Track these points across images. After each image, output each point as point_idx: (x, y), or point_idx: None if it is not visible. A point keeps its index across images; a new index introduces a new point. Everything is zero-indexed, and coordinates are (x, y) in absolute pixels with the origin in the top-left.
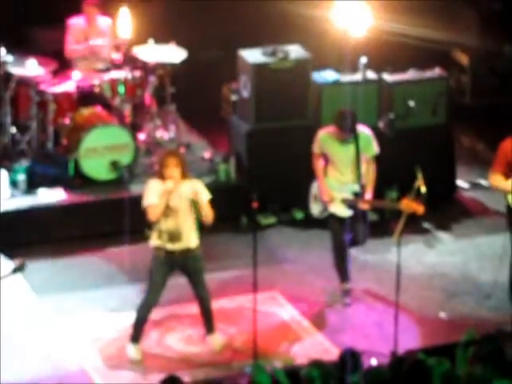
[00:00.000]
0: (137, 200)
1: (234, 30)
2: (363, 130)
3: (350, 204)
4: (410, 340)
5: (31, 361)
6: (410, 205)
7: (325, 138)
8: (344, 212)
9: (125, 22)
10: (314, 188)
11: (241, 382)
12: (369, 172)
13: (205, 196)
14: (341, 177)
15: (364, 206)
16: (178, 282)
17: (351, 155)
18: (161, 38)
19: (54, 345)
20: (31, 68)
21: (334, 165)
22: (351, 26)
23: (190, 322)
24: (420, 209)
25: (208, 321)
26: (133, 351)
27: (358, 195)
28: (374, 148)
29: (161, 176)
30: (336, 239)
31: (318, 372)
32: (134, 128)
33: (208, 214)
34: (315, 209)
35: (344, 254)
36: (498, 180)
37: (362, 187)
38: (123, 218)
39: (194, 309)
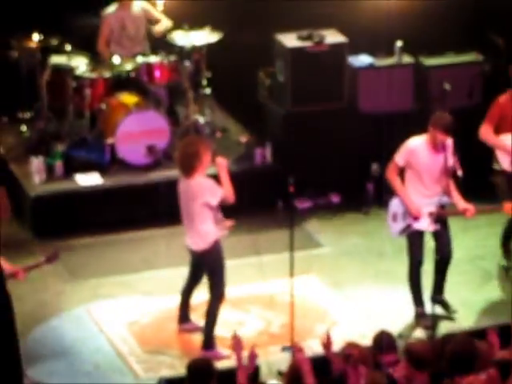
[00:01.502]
0: (172, 184)
1: (269, 13)
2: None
3: (443, 216)
4: None
5: (68, 345)
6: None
7: (417, 147)
8: (431, 227)
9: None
10: (394, 205)
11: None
12: (448, 182)
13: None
14: (425, 190)
15: (469, 215)
16: None
17: (440, 164)
18: (196, 22)
19: (91, 329)
20: (67, 54)
21: (420, 177)
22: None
23: (227, 307)
24: None
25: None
26: None
27: (444, 207)
28: (452, 158)
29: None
30: (418, 258)
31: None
32: (170, 113)
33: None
34: (396, 228)
35: (421, 274)
36: (488, 133)
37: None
38: (159, 202)
39: (229, 294)
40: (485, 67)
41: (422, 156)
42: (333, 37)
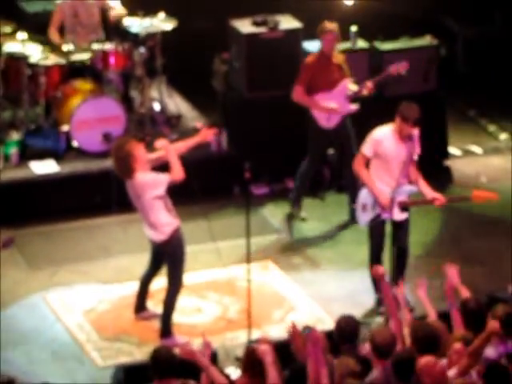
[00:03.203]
0: None
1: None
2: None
3: (411, 206)
4: None
5: (24, 333)
6: (482, 195)
7: (383, 137)
8: (398, 216)
9: None
10: (363, 196)
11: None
12: (414, 171)
13: None
14: (390, 180)
15: (438, 203)
16: None
17: (406, 153)
18: (150, 9)
19: (48, 317)
20: (21, 42)
21: (386, 166)
22: None
23: (184, 293)
24: (494, 196)
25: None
26: None
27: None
28: (418, 148)
29: None
30: (379, 246)
31: None
32: (125, 99)
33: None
34: (365, 218)
35: (381, 260)
36: (301, 94)
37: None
38: (115, 189)
39: (186, 281)
40: (440, 52)
41: (388, 145)
42: (287, 22)
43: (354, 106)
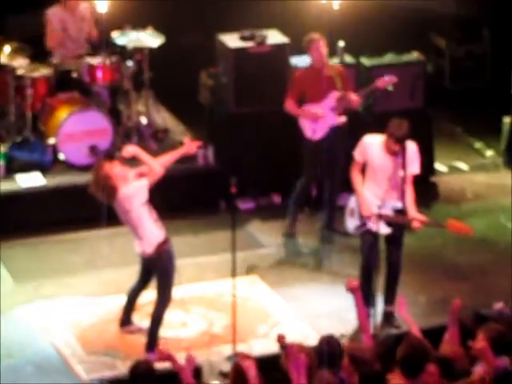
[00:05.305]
0: None
1: (211, 14)
2: (411, 144)
3: (394, 222)
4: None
5: (9, 346)
6: (457, 226)
7: (372, 143)
8: (383, 229)
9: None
10: (352, 202)
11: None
12: (407, 190)
13: None
14: (378, 190)
15: (416, 225)
16: None
17: (393, 167)
18: (138, 23)
19: (32, 330)
20: (8, 54)
21: (374, 175)
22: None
23: (170, 307)
24: (468, 230)
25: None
26: None
27: (401, 213)
28: (417, 167)
29: None
30: (368, 258)
31: None
32: (112, 113)
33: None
34: (352, 223)
35: (373, 276)
36: (291, 105)
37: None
38: (101, 202)
39: (173, 295)
40: (427, 68)
41: (375, 153)
42: (275, 37)
43: (340, 119)
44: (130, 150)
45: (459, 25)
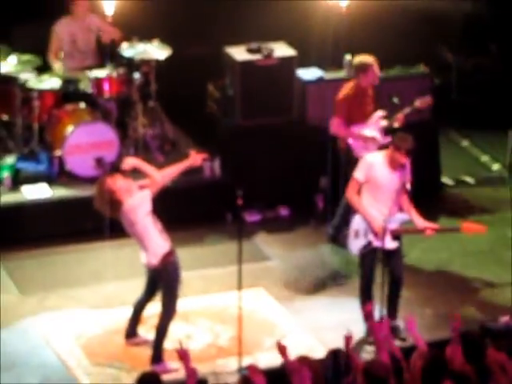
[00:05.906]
0: None
1: (218, 27)
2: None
3: (404, 234)
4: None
5: (14, 357)
6: (471, 227)
7: (375, 162)
8: (390, 244)
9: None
10: (355, 223)
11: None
12: (407, 200)
13: None
14: (381, 207)
15: (429, 233)
16: None
17: (397, 182)
18: (145, 35)
19: (38, 341)
20: (15, 65)
21: (376, 193)
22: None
23: (175, 319)
24: (482, 229)
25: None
26: None
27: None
28: (409, 176)
29: None
30: (367, 273)
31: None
32: (119, 125)
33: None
34: (356, 245)
35: (372, 289)
36: (339, 126)
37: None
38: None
39: (179, 307)
40: (435, 81)
41: (379, 171)
42: (282, 50)
43: (387, 139)
44: (130, 161)
45: (467, 38)
